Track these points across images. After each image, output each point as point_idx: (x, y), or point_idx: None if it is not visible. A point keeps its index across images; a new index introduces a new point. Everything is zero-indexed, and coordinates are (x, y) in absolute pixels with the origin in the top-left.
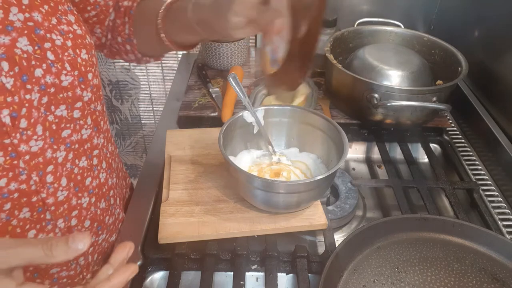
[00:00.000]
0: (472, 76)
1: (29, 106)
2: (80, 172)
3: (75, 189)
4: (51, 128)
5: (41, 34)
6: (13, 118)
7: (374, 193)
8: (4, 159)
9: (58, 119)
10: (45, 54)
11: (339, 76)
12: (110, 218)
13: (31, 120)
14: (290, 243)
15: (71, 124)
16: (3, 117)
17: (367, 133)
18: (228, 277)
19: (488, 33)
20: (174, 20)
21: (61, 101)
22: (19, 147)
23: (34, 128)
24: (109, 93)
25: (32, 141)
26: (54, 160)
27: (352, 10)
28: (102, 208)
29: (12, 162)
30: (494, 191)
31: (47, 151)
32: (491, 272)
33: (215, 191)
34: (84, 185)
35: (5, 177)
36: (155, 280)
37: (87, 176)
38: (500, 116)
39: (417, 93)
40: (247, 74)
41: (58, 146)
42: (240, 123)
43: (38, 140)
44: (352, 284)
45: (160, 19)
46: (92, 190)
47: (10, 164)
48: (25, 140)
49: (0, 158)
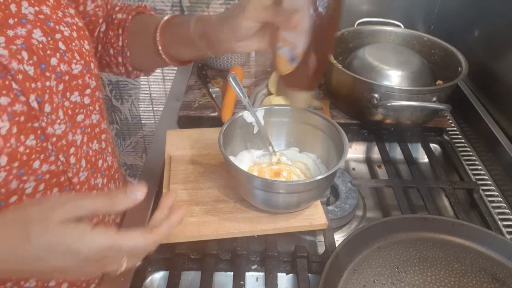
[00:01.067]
0: (472, 76)
1: (50, 92)
2: (93, 154)
3: (91, 170)
4: (68, 113)
5: (52, 26)
6: (39, 103)
7: (374, 193)
8: (35, 141)
9: (73, 104)
10: (57, 45)
11: (339, 76)
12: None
13: (53, 105)
14: (290, 243)
15: (83, 109)
16: (31, 101)
17: (367, 133)
18: (228, 277)
19: (488, 33)
20: (174, 34)
21: (74, 88)
22: (47, 130)
23: (57, 112)
24: (109, 93)
25: (56, 124)
26: (74, 143)
27: (352, 10)
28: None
29: (42, 145)
30: (494, 191)
31: (68, 134)
32: (491, 272)
33: (215, 191)
34: (97, 166)
35: (38, 160)
36: (155, 280)
37: (99, 158)
38: (500, 116)
39: (417, 93)
40: (247, 74)
41: (76, 130)
42: (240, 123)
43: (60, 124)
44: (352, 284)
45: (159, 32)
46: (103, 172)
47: (41, 146)
48: (50, 123)
49: (32, 141)
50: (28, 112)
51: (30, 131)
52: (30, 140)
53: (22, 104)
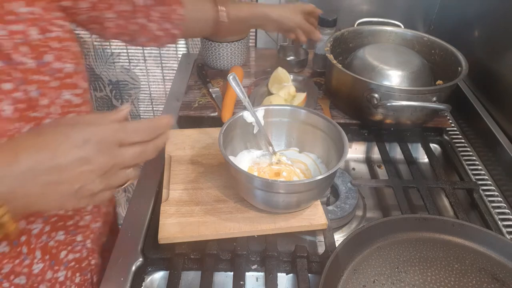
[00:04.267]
0: (472, 76)
1: (46, 87)
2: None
3: None
4: (63, 110)
5: (44, 25)
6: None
7: (374, 193)
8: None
9: (66, 102)
10: (52, 43)
11: (339, 76)
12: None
13: (49, 99)
14: (290, 243)
15: (75, 109)
16: (31, 91)
17: (367, 133)
18: (228, 277)
19: (488, 33)
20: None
21: (67, 86)
22: (44, 121)
23: (53, 107)
24: (109, 93)
25: (49, 119)
26: None
27: (352, 10)
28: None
29: None
30: (494, 191)
31: None
32: (491, 272)
33: (215, 191)
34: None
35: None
36: (155, 280)
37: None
38: (500, 116)
39: (417, 93)
40: (247, 74)
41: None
42: (240, 123)
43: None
44: (352, 284)
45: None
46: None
47: None
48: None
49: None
50: (28, 101)
51: (30, 120)
52: (28, 128)
53: (22, 92)
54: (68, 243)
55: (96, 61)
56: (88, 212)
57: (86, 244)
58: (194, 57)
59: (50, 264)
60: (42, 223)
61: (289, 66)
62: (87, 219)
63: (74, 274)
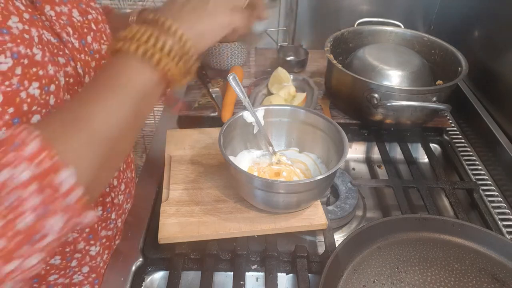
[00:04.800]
0: (472, 76)
1: (88, 66)
2: None
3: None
4: None
5: (84, 8)
6: (82, 72)
7: (374, 193)
8: None
9: None
10: (90, 25)
11: (339, 76)
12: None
13: (90, 78)
14: (290, 243)
15: None
16: (78, 68)
17: (367, 133)
18: (228, 277)
19: (488, 33)
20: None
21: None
22: None
23: None
24: None
25: None
26: None
27: (352, 10)
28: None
29: None
30: (494, 191)
31: None
32: (491, 272)
33: (215, 191)
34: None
35: None
36: (155, 280)
37: None
38: (500, 116)
39: (417, 93)
40: (247, 74)
41: None
42: (240, 123)
43: None
44: (352, 284)
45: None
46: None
47: None
48: None
49: None
50: (76, 76)
51: (75, 94)
52: None
53: (72, 68)
54: (103, 220)
55: None
56: (121, 192)
57: (117, 223)
58: None
59: (88, 237)
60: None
61: (289, 66)
62: (121, 198)
63: (104, 251)
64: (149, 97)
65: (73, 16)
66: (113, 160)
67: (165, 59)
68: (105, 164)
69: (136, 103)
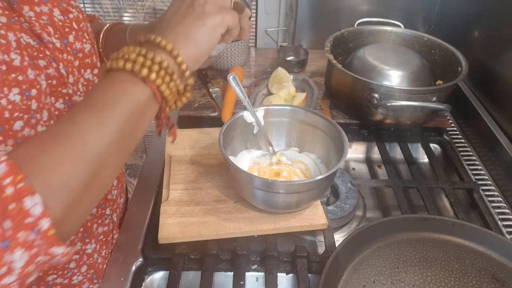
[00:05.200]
0: (472, 76)
1: (71, 66)
2: None
3: None
4: (83, 90)
5: (64, 7)
6: (65, 72)
7: (374, 193)
8: (64, 106)
9: (86, 81)
10: (72, 24)
11: (339, 76)
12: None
13: (74, 78)
14: (290, 243)
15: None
16: (61, 68)
17: (367, 133)
18: (228, 277)
19: (488, 33)
20: (115, 42)
21: (87, 66)
22: (73, 97)
23: (77, 85)
24: None
25: (77, 96)
26: None
27: (352, 10)
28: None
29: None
30: (494, 191)
31: None
32: (491, 272)
33: (215, 191)
34: None
35: None
36: (155, 280)
37: None
38: (500, 116)
39: (417, 93)
40: (247, 74)
41: None
42: (240, 123)
43: (81, 96)
44: (352, 284)
45: (102, 40)
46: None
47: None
48: (74, 93)
49: (61, 105)
50: (58, 78)
51: (60, 95)
52: (59, 103)
53: (54, 69)
54: (98, 217)
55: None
56: (114, 187)
57: (113, 218)
58: None
59: (82, 236)
60: None
61: (289, 66)
62: (114, 193)
63: (101, 247)
64: (139, 116)
65: (54, 16)
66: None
67: (154, 74)
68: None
69: (124, 122)
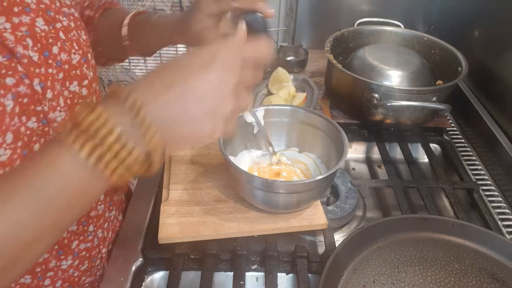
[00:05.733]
0: (472, 76)
1: (52, 79)
2: None
3: None
4: (67, 103)
5: (52, 15)
6: (42, 88)
7: (374, 193)
8: (37, 124)
9: (72, 94)
10: (58, 34)
11: (339, 76)
12: (118, 197)
13: (54, 92)
14: (290, 243)
15: (82, 100)
16: (35, 85)
17: (367, 133)
18: (228, 277)
19: (488, 33)
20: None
21: (73, 78)
22: (49, 115)
23: (58, 100)
24: None
25: (57, 111)
26: None
27: (352, 10)
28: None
29: (43, 129)
30: (494, 191)
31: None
32: (491, 272)
33: (215, 191)
34: None
35: (38, 143)
36: (155, 280)
37: None
38: (500, 116)
39: (417, 93)
40: None
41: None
42: (240, 123)
43: (61, 111)
44: (352, 284)
45: (127, 26)
46: None
47: (42, 130)
48: (51, 109)
49: (34, 124)
50: (31, 95)
51: (32, 114)
52: (32, 122)
53: (26, 86)
54: (80, 234)
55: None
56: (101, 202)
57: (97, 234)
58: None
59: (57, 254)
60: None
61: (289, 66)
62: (100, 208)
63: (82, 262)
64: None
65: (36, 26)
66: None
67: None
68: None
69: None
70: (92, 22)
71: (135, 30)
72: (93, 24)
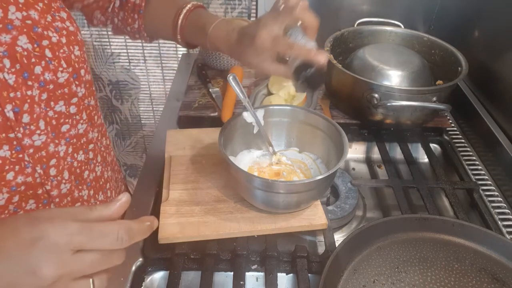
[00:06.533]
0: (472, 76)
1: (31, 102)
2: (78, 165)
3: (76, 182)
4: (52, 124)
5: (39, 32)
6: (16, 113)
7: (374, 193)
8: (10, 152)
9: (57, 114)
10: (44, 52)
11: (339, 76)
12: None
13: (33, 115)
14: (290, 243)
15: (69, 119)
16: (7, 111)
17: (367, 133)
18: (228, 277)
19: (488, 33)
20: (195, 25)
21: (59, 97)
22: (23, 141)
23: (37, 123)
24: (109, 93)
25: (35, 135)
26: (57, 154)
27: (352, 10)
28: (100, 200)
29: (17, 156)
30: (494, 191)
31: (49, 145)
32: (491, 272)
33: (215, 191)
34: (83, 178)
35: (12, 171)
36: (155, 280)
37: (85, 169)
38: (500, 116)
39: (417, 93)
40: (247, 74)
41: (59, 140)
42: (240, 123)
43: (41, 134)
44: (352, 284)
45: (182, 20)
46: (89, 183)
47: (16, 157)
48: (28, 134)
49: (7, 152)
50: (3, 123)
51: (4, 142)
52: (4, 150)
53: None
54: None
55: (96, 61)
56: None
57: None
58: (194, 57)
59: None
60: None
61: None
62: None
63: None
64: None
65: (17, 45)
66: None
67: None
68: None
69: None
70: (138, 10)
71: (188, 34)
72: (140, 13)
